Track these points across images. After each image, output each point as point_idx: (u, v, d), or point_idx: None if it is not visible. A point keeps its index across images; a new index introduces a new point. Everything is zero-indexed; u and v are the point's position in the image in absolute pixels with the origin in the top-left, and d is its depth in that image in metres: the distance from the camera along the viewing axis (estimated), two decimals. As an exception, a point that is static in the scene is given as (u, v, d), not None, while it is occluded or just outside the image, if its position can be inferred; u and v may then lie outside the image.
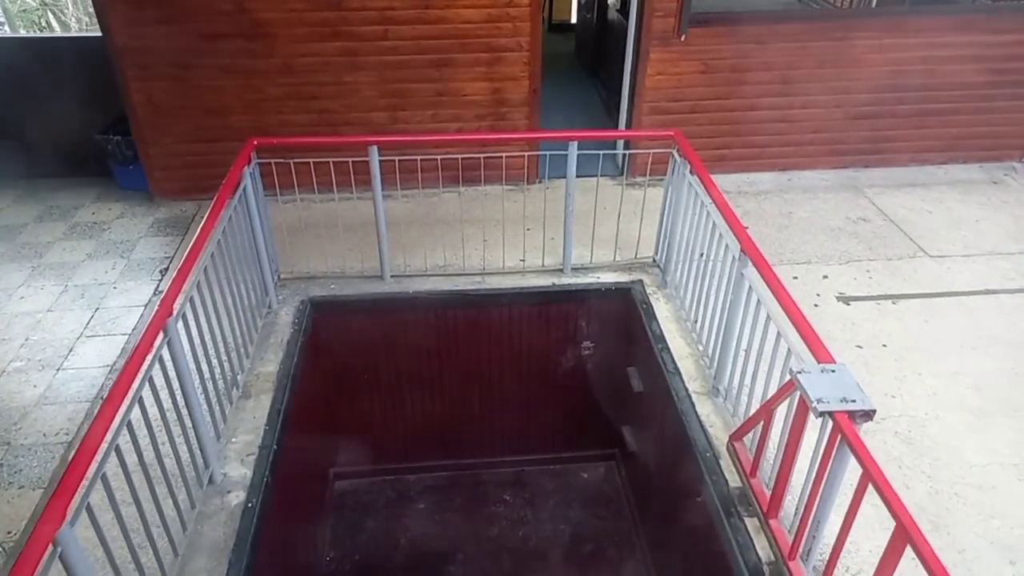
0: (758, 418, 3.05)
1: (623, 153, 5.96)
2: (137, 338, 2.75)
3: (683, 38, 5.40)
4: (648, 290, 4.57)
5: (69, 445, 3.62)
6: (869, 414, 2.42)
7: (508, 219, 4.96)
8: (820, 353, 2.72)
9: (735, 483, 3.26)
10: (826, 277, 4.78)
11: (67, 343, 4.31)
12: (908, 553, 2.12)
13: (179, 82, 5.23)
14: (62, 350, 4.25)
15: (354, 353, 4.85)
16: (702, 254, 3.94)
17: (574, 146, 4.22)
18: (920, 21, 5.59)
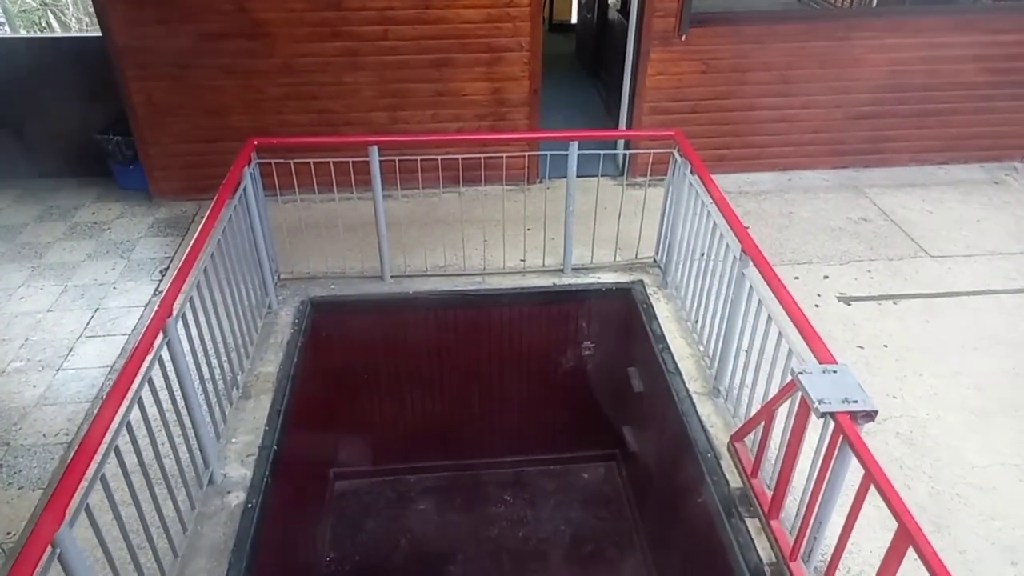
0: (759, 419, 3.04)
1: (623, 153, 5.95)
2: (137, 338, 2.75)
3: (683, 38, 5.39)
4: (649, 290, 4.57)
5: (69, 446, 3.61)
6: (871, 415, 2.41)
7: (508, 219, 4.96)
8: (821, 353, 2.71)
9: (736, 484, 3.26)
10: (827, 277, 4.78)
11: (67, 343, 4.30)
12: (910, 554, 2.12)
13: (179, 82, 5.22)
14: (62, 350, 4.25)
15: (354, 353, 4.85)
16: (703, 254, 3.94)
17: (574, 146, 4.22)
18: (920, 21, 5.59)
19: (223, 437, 3.43)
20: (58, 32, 9.79)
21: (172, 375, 2.89)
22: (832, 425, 2.46)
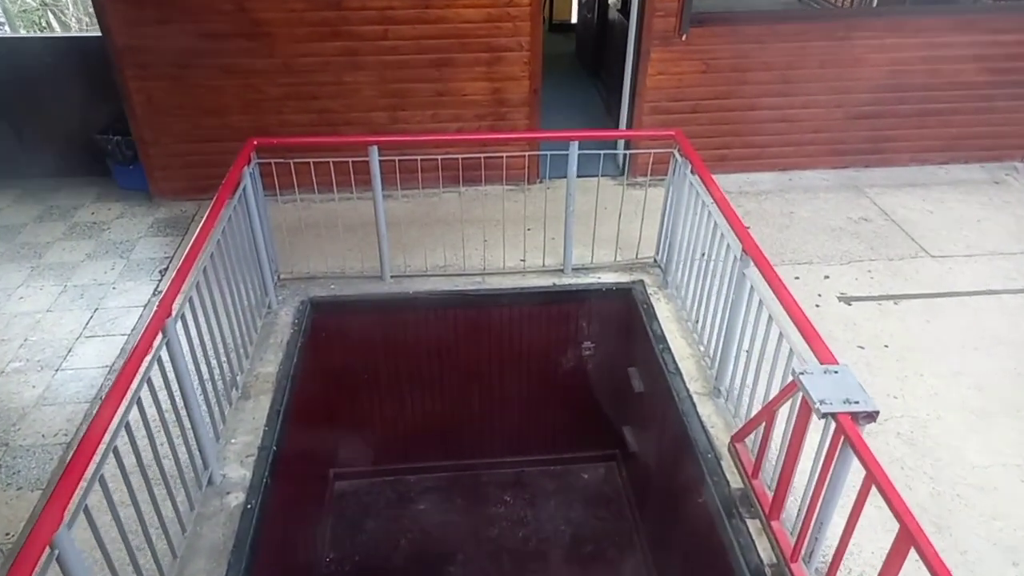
0: (760, 419, 3.04)
1: (624, 153, 5.95)
2: (136, 338, 2.74)
3: (684, 38, 5.39)
4: (649, 290, 4.56)
5: (67, 446, 3.61)
6: (872, 415, 2.40)
7: (508, 219, 4.95)
8: (822, 354, 2.71)
9: (736, 484, 3.25)
10: (827, 277, 4.77)
11: (66, 343, 4.30)
12: (911, 555, 2.11)
13: (179, 82, 5.22)
14: (61, 350, 4.24)
15: (354, 353, 4.84)
16: (703, 254, 3.93)
17: (575, 146, 4.21)
18: (920, 21, 5.58)
19: (222, 438, 3.42)
20: (58, 32, 9.79)
21: (171, 375, 2.88)
22: (833, 426, 2.45)
